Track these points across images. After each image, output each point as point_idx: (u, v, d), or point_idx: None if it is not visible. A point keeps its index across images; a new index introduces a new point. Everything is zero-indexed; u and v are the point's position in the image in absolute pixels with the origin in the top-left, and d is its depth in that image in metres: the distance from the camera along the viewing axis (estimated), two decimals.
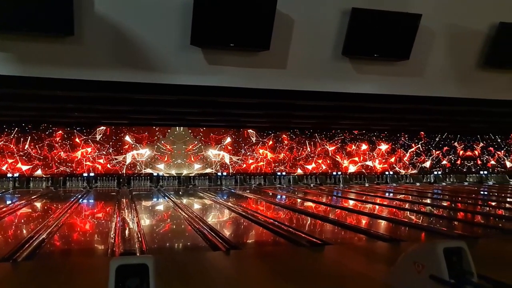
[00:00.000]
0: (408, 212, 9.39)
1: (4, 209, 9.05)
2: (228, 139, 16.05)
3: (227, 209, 9.58)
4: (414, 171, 17.97)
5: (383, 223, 7.84)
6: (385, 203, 10.86)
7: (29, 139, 14.31)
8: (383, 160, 17.65)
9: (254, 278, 3.98)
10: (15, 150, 14.20)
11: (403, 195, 12.80)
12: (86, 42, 5.14)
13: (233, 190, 14.07)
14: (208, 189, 14.41)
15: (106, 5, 5.08)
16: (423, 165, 18.12)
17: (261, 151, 16.36)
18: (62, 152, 14.56)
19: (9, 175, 14.07)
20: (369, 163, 17.47)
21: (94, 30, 5.12)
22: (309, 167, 16.80)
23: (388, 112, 10.82)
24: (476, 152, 18.82)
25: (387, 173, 17.61)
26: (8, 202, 10.93)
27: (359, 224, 7.69)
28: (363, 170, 17.38)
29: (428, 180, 17.97)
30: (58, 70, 5.23)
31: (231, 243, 5.46)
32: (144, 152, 15.30)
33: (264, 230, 6.87)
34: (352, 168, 17.28)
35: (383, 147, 17.65)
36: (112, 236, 6.13)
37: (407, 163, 17.93)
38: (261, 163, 16.36)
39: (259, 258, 4.90)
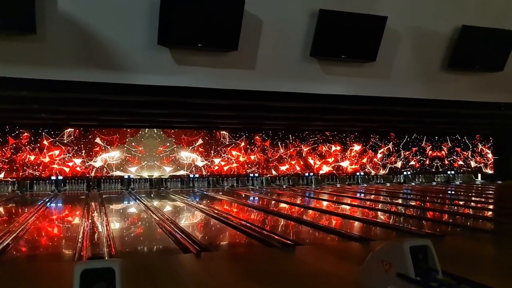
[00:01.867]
0: (378, 212, 9.55)
1: None
2: (201, 141, 15.95)
3: (199, 211, 9.51)
4: (384, 172, 18.30)
5: (353, 223, 7.94)
6: (355, 203, 11.01)
7: None
8: (354, 161, 17.90)
9: (225, 280, 3.97)
10: None
11: (374, 195, 13.01)
12: (49, 40, 5.01)
13: (205, 192, 13.99)
14: (180, 191, 14.28)
15: (70, 3, 4.97)
16: (393, 165, 18.47)
17: (233, 152, 16.33)
18: (28, 155, 14.16)
19: None
20: (340, 164, 17.69)
21: (57, 29, 5.00)
22: (282, 168, 16.88)
23: (358, 113, 10.99)
24: (444, 153, 19.32)
25: (358, 174, 17.87)
26: None
27: (330, 224, 7.77)
28: (334, 171, 17.58)
29: (398, 181, 18.33)
30: (21, 69, 5.08)
31: (202, 245, 5.42)
32: (115, 154, 15.04)
33: (236, 232, 6.86)
34: (324, 169, 17.45)
35: (354, 148, 17.91)
36: (80, 240, 5.99)
37: (378, 163, 18.24)
38: (234, 164, 16.33)
39: (231, 260, 4.89)
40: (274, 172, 16.76)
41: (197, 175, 15.83)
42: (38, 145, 14.28)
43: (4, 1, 4.62)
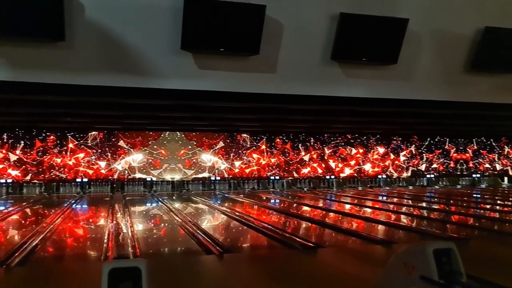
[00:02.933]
0: (400, 215, 9.46)
1: None
2: (221, 144, 16.07)
3: (221, 213, 9.59)
4: (407, 175, 18.08)
5: (375, 225, 7.89)
6: (377, 206, 10.93)
7: (21, 144, 14.25)
8: (376, 164, 17.75)
9: (247, 281, 4.01)
10: (8, 155, 14.13)
11: (396, 198, 12.88)
12: (76, 47, 5.17)
13: (226, 195, 14.07)
14: (202, 193, 14.41)
15: (97, 11, 5.12)
16: (415, 168, 18.24)
17: (254, 155, 16.40)
18: (55, 157, 14.51)
19: (2, 181, 14.00)
20: (362, 166, 17.56)
21: (84, 35, 5.15)
22: (303, 171, 16.86)
23: (379, 115, 10.91)
24: (469, 155, 18.98)
25: (380, 176, 17.71)
26: (1, 208, 10.87)
27: (352, 227, 7.74)
28: (356, 174, 17.46)
29: (421, 183, 18.08)
30: (49, 75, 5.25)
31: (224, 246, 5.48)
32: (138, 157, 15.29)
33: (257, 234, 6.90)
34: (345, 172, 17.36)
35: (376, 150, 17.76)
36: (105, 241, 6.13)
37: (400, 166, 18.04)
38: (255, 167, 16.39)
39: (253, 261, 4.93)
40: (295, 175, 16.76)
41: (218, 178, 15.95)
42: (64, 147, 14.62)
43: (34, 9, 4.79)
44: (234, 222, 8.19)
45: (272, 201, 12.69)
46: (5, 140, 14.14)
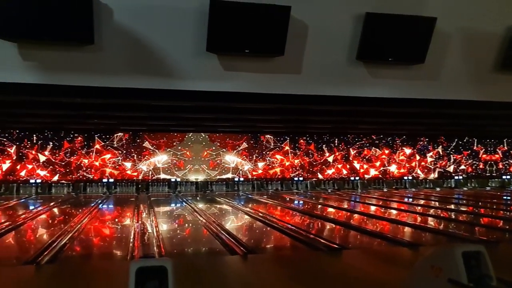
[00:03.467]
0: (427, 217, 9.29)
1: (28, 214, 9.26)
2: (245, 145, 16.11)
3: (245, 214, 9.61)
4: (434, 176, 17.74)
5: (401, 228, 7.77)
6: (403, 208, 10.77)
7: (50, 145, 14.61)
8: (402, 165, 17.48)
9: (271, 282, 4.00)
10: (37, 156, 14.51)
11: (423, 200, 12.65)
12: (104, 50, 5.28)
13: (250, 196, 14.10)
14: (226, 194, 14.47)
15: (125, 14, 5.22)
16: (443, 169, 17.88)
17: (278, 156, 16.38)
18: (82, 158, 14.82)
19: (32, 181, 14.39)
20: (387, 168, 17.33)
21: (112, 38, 5.26)
22: (327, 172, 16.75)
23: (405, 116, 10.75)
24: (498, 156, 18.50)
25: (406, 178, 17.43)
26: (31, 207, 11.17)
27: (378, 229, 7.64)
28: (381, 176, 17.24)
29: (449, 185, 17.71)
30: (78, 77, 5.37)
31: (248, 247, 5.49)
32: (162, 158, 15.47)
33: (281, 235, 6.89)
34: (370, 173, 17.16)
35: (402, 151, 17.49)
36: (131, 240, 6.22)
37: (427, 167, 17.72)
38: (278, 168, 16.37)
39: (277, 262, 4.92)
40: (319, 176, 16.66)
41: (241, 179, 15.99)
42: (91, 148, 14.92)
43: (64, 13, 4.91)
44: (258, 223, 8.20)
45: (296, 202, 12.65)
46: (34, 142, 14.51)
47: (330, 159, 16.78)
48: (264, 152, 16.26)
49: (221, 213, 10.24)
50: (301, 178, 16.44)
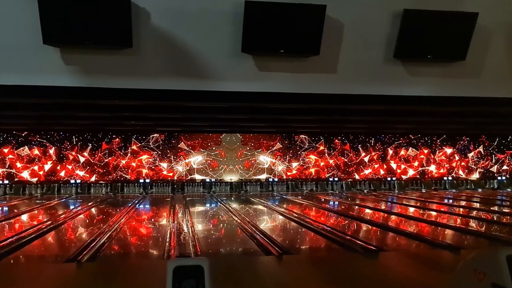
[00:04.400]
0: (469, 219, 8.98)
1: (68, 213, 9.57)
2: (279, 145, 16.08)
3: (279, 214, 9.58)
4: (476, 177, 17.15)
5: (441, 230, 7.55)
6: (443, 209, 10.46)
7: (89, 147, 15.05)
8: (442, 165, 16.99)
9: (307, 284, 3.97)
10: (77, 157, 14.98)
11: (464, 201, 12.26)
12: (142, 53, 5.41)
13: (284, 196, 14.05)
14: (260, 194, 14.48)
15: (161, 18, 5.32)
16: (485, 170, 17.26)
17: (312, 156, 16.26)
18: (119, 159, 15.19)
19: (72, 181, 14.87)
20: (426, 168, 16.89)
21: (150, 41, 5.38)
22: (363, 172, 16.49)
23: (445, 115, 10.45)
24: None
25: (445, 178, 16.93)
26: (71, 207, 11.54)
27: (416, 231, 7.45)
28: (419, 176, 16.82)
29: (491, 186, 17.07)
30: (117, 80, 5.52)
31: (283, 248, 5.47)
32: (197, 158, 15.65)
33: (316, 235, 6.82)
34: (408, 174, 16.77)
35: (441, 151, 17.01)
36: (167, 240, 6.31)
37: (468, 168, 17.15)
38: (313, 168, 16.25)
39: (312, 263, 4.88)
40: (355, 177, 16.43)
41: (276, 179, 15.97)
42: (127, 150, 15.27)
43: (104, 19, 5.06)
44: (293, 223, 8.15)
45: (331, 202, 12.52)
46: (74, 143, 14.99)
47: (366, 159, 16.51)
48: (298, 152, 16.18)
49: (255, 214, 10.26)
50: (336, 179, 16.26)
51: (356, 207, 11.36)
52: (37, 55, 5.38)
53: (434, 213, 9.97)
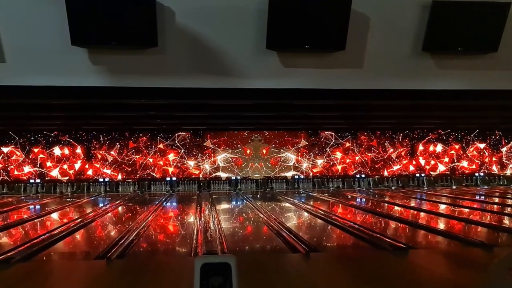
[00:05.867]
0: (503, 216, 8.71)
1: (97, 211, 9.76)
2: (305, 142, 15.99)
3: (306, 212, 9.53)
4: (510, 172, 16.61)
5: (473, 227, 7.34)
6: (475, 206, 10.19)
7: (117, 145, 15.31)
8: (473, 161, 16.56)
9: (335, 281, 3.92)
10: (105, 156, 15.26)
11: (497, 198, 11.91)
12: (168, 52, 5.45)
13: (310, 193, 13.97)
14: (286, 192, 14.44)
15: (186, 17, 5.35)
16: None
17: (338, 153, 16.10)
18: (146, 157, 15.40)
19: (101, 180, 15.17)
20: (456, 164, 16.48)
21: (175, 40, 5.41)
22: (390, 169, 16.23)
23: (476, 109, 10.16)
24: None
25: (477, 174, 16.48)
26: (101, 205, 11.77)
27: (447, 228, 7.28)
28: (449, 172, 16.43)
29: None
30: (143, 79, 5.58)
31: (310, 245, 5.43)
32: (223, 156, 15.72)
33: (344, 233, 6.75)
34: (437, 170, 16.41)
35: (473, 146, 16.56)
36: (194, 237, 6.36)
37: (501, 163, 16.65)
38: (339, 165, 16.10)
39: (340, 261, 4.82)
40: (383, 173, 16.18)
41: (302, 176, 15.89)
42: (154, 148, 15.46)
43: (130, 19, 5.12)
44: (319, 220, 8.09)
45: (358, 199, 12.37)
46: (102, 142, 15.27)
47: (394, 155, 16.24)
48: (324, 149, 16.05)
49: (281, 211, 10.22)
50: (363, 175, 16.05)
51: (384, 204, 11.19)
52: (65, 57, 5.49)
53: (466, 210, 9.72)
